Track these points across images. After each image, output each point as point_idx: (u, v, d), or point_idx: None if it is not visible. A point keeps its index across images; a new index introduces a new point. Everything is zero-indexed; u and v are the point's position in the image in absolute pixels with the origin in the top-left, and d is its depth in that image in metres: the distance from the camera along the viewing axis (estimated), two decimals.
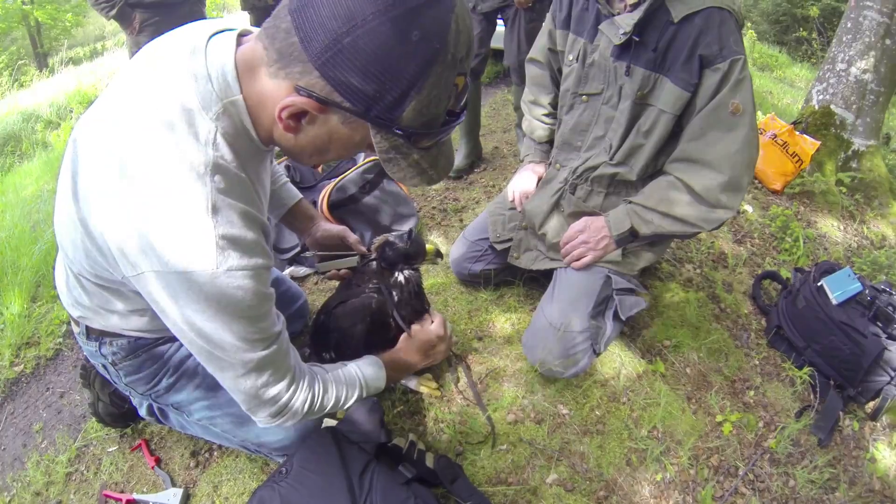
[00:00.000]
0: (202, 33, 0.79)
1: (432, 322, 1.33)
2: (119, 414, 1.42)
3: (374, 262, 1.32)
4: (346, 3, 0.63)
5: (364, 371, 1.13)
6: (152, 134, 0.73)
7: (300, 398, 0.97)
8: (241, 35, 0.80)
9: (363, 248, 1.36)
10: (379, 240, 1.33)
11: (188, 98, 0.74)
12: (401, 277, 1.31)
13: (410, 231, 1.34)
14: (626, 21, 1.33)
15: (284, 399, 0.94)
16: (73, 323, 1.13)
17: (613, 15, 1.38)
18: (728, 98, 1.30)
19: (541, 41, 1.69)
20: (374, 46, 0.64)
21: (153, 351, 1.13)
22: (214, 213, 0.74)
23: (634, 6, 1.33)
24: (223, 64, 0.75)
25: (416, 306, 1.35)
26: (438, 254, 1.37)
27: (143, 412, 1.34)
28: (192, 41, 0.78)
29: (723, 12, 1.28)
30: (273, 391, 0.92)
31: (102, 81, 5.83)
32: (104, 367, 1.15)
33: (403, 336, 1.29)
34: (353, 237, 1.37)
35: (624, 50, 1.37)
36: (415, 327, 1.30)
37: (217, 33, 0.80)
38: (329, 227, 1.39)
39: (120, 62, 6.41)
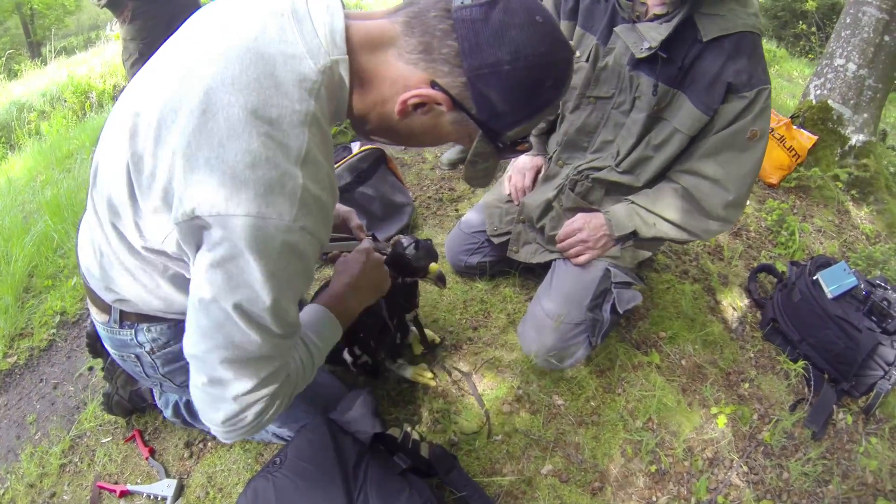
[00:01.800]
0: None
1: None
2: (128, 408, 1.42)
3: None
4: (513, 39, 0.73)
5: (311, 339, 0.95)
6: (248, 68, 0.70)
7: (268, 401, 0.82)
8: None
9: (363, 235, 1.33)
10: (392, 240, 1.30)
11: (292, 43, 0.73)
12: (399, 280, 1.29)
13: (422, 242, 1.29)
14: (651, 34, 1.27)
15: (252, 407, 0.80)
16: (98, 313, 1.04)
17: (633, 21, 1.33)
18: (749, 125, 1.30)
19: None
20: (522, 80, 0.75)
21: None
22: (304, 163, 0.72)
23: (663, 17, 1.27)
24: (332, 23, 0.75)
25: (405, 303, 1.35)
26: (441, 278, 1.32)
27: (168, 413, 1.33)
28: None
29: (754, 36, 1.26)
30: (246, 385, 0.78)
31: (95, 71, 5.77)
32: (137, 357, 1.06)
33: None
34: (355, 221, 1.32)
35: (644, 62, 1.33)
36: (340, 258, 1.17)
37: None
38: (336, 206, 1.33)
39: (114, 52, 6.34)
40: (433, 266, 1.28)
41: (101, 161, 0.84)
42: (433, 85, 0.76)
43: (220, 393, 0.78)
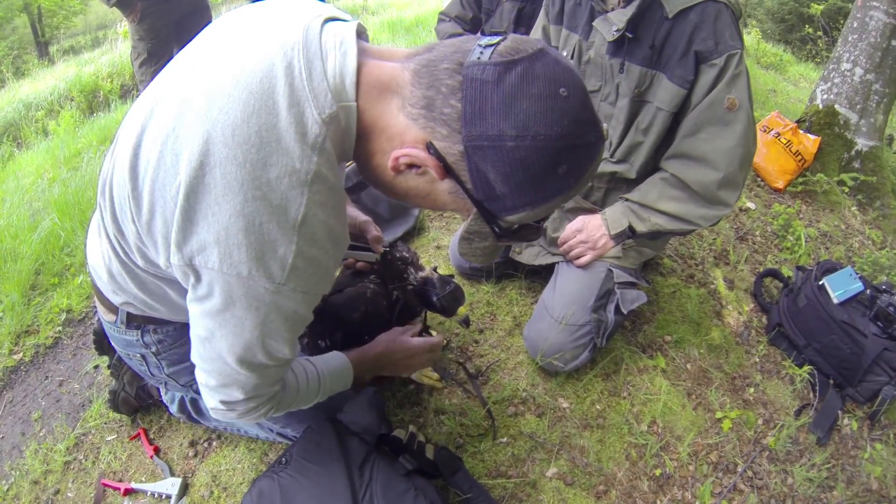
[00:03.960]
0: (316, 14, 0.74)
1: (421, 335, 1.29)
2: (134, 405, 1.42)
3: (385, 263, 1.32)
4: (523, 112, 0.63)
5: (325, 377, 1.06)
6: (250, 118, 0.66)
7: (255, 408, 0.90)
8: (359, 33, 0.75)
9: (380, 249, 1.33)
10: (424, 274, 1.31)
11: (298, 87, 0.68)
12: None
13: (452, 286, 1.30)
14: (618, 17, 1.32)
15: (242, 406, 0.88)
16: (106, 312, 1.05)
17: (607, 11, 1.37)
18: (724, 93, 1.29)
19: (535, 36, 1.68)
20: (527, 162, 0.65)
21: None
22: (302, 226, 0.68)
23: (627, 2, 1.31)
24: (344, 65, 0.69)
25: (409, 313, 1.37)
26: (466, 321, 1.34)
27: (174, 409, 1.33)
28: (306, 19, 0.72)
29: (718, 5, 1.26)
30: (238, 395, 0.85)
31: (103, 70, 5.80)
32: (143, 357, 1.09)
33: (383, 334, 1.24)
34: (373, 233, 1.30)
35: (618, 47, 1.36)
36: (397, 329, 1.25)
37: (332, 20, 0.75)
38: (355, 213, 1.32)
39: (121, 51, 6.38)
40: (461, 310, 1.31)
41: (111, 176, 0.80)
42: (429, 147, 0.68)
43: (210, 394, 0.87)
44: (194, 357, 0.83)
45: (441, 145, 0.68)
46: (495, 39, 0.66)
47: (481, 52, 0.65)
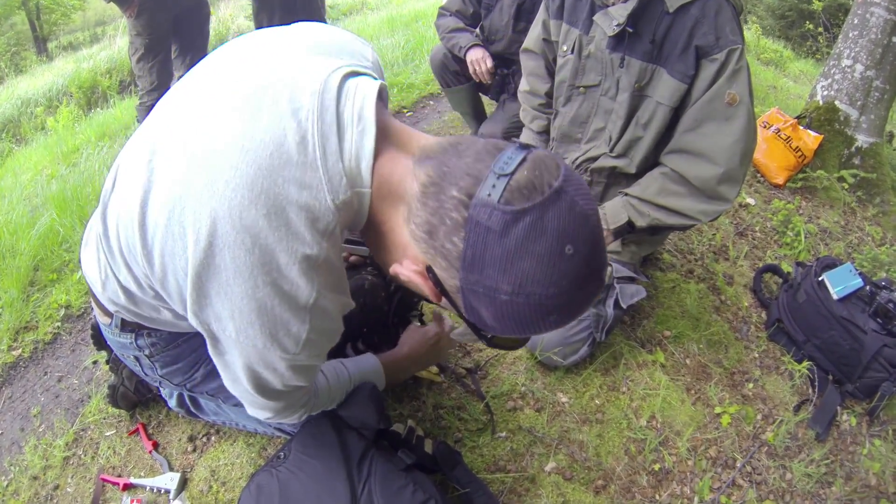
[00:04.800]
0: (334, 67, 0.70)
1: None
2: (133, 400, 1.42)
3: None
4: (522, 272, 0.60)
5: (356, 380, 1.17)
6: (258, 199, 0.63)
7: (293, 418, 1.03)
8: (380, 94, 0.72)
9: None
10: None
11: (311, 167, 0.65)
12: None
13: None
14: (619, 12, 1.32)
15: (278, 416, 0.98)
16: (101, 314, 1.05)
17: (607, 6, 1.36)
18: (724, 88, 1.29)
19: (535, 31, 1.68)
20: (519, 314, 0.63)
21: (192, 341, 1.08)
22: (313, 308, 0.70)
23: None
24: (361, 145, 0.67)
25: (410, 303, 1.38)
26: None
27: (172, 403, 1.33)
28: (323, 73, 0.69)
29: (719, 0, 1.26)
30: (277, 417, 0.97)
31: (101, 66, 5.78)
32: (137, 358, 1.09)
33: (403, 335, 1.31)
34: None
35: (619, 41, 1.36)
36: (412, 326, 1.33)
37: (351, 76, 0.71)
38: None
39: (119, 47, 6.36)
40: None
41: (117, 214, 0.76)
42: (428, 271, 0.67)
43: (252, 411, 0.96)
44: (226, 382, 0.88)
45: (439, 273, 0.66)
46: (512, 165, 0.60)
47: (493, 187, 0.59)
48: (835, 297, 1.68)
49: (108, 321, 1.04)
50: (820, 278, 1.73)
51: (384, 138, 0.69)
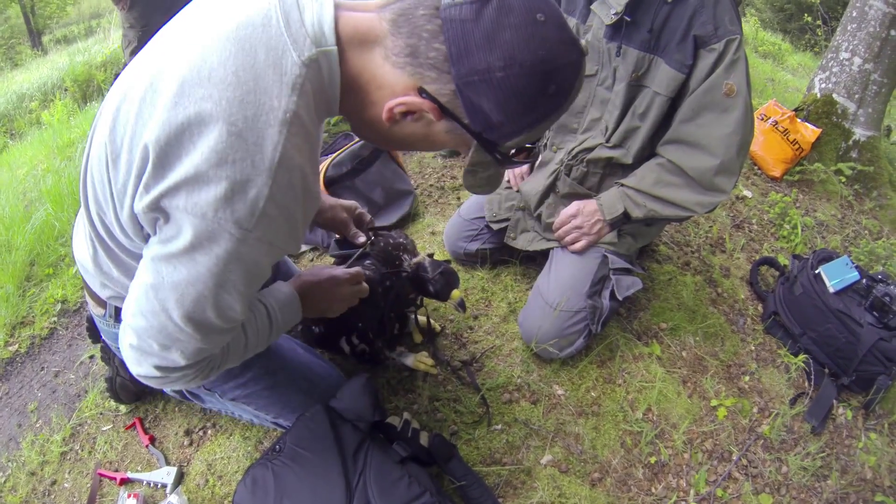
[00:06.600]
0: None
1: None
2: (134, 391, 1.42)
3: (371, 245, 1.31)
4: (506, 42, 0.65)
5: (275, 312, 0.98)
6: (227, 61, 0.66)
7: (192, 377, 0.85)
8: None
9: (362, 236, 1.32)
10: (417, 260, 1.32)
11: (276, 34, 0.68)
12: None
13: (445, 269, 1.30)
14: (617, 1, 1.31)
15: (178, 373, 0.82)
16: (95, 306, 1.05)
17: None
18: (722, 79, 1.28)
19: None
20: (518, 88, 0.67)
21: None
22: (278, 168, 0.67)
23: None
24: (321, 13, 0.70)
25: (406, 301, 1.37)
26: (461, 304, 1.33)
27: (168, 390, 1.33)
28: None
29: None
30: (178, 360, 0.79)
31: (96, 59, 5.75)
32: None
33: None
34: (365, 218, 1.31)
35: (616, 30, 1.35)
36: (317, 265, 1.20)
37: None
38: (336, 210, 1.29)
39: (114, 40, 6.31)
40: (455, 293, 1.30)
41: (91, 154, 0.80)
42: (421, 92, 0.70)
43: (142, 358, 0.79)
44: (128, 312, 0.77)
45: (432, 88, 0.69)
46: None
47: None
48: (831, 290, 1.68)
49: (102, 312, 1.03)
50: (816, 271, 1.73)
51: (341, 7, 0.73)
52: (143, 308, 0.75)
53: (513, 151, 0.78)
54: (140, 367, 0.81)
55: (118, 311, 1.00)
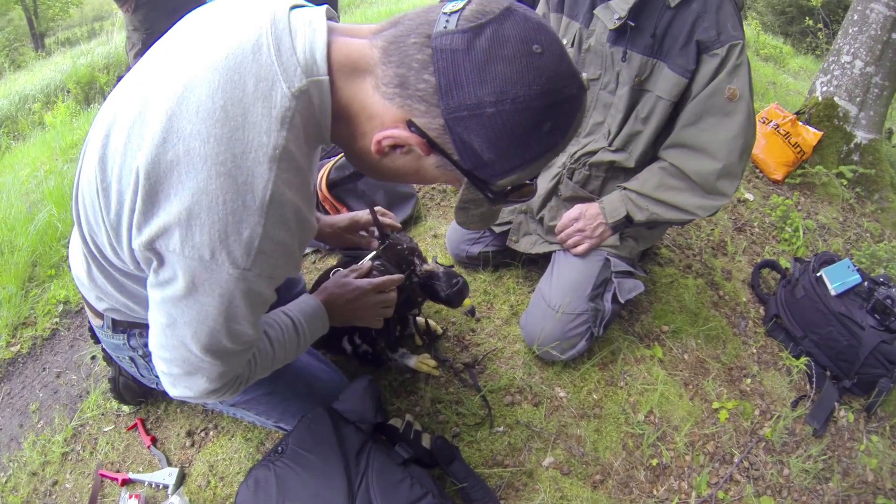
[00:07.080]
0: (284, 2, 0.72)
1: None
2: (138, 391, 1.42)
3: (381, 245, 1.32)
4: (498, 76, 0.61)
5: (302, 324, 1.02)
6: (215, 93, 0.64)
7: (220, 393, 0.87)
8: (329, 18, 0.73)
9: (375, 242, 1.32)
10: (428, 267, 1.33)
11: (266, 63, 0.66)
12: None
13: (457, 280, 1.31)
14: (620, 5, 1.31)
15: (207, 395, 0.85)
16: (93, 316, 1.05)
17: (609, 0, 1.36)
18: (725, 83, 1.29)
19: None
20: (511, 125, 0.63)
21: None
22: (270, 206, 0.66)
23: None
24: (313, 40, 0.67)
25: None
26: (472, 311, 1.34)
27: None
28: (273, 6, 0.70)
29: None
30: (203, 385, 0.83)
31: (99, 61, 5.76)
32: (132, 359, 1.09)
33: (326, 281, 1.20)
34: (363, 218, 1.30)
35: (620, 35, 1.36)
36: (340, 272, 1.20)
37: (297, 7, 0.73)
38: (332, 222, 1.29)
39: (117, 42, 6.34)
40: (466, 301, 1.33)
41: (81, 176, 0.79)
42: (409, 125, 0.67)
43: (175, 382, 0.84)
44: (153, 345, 0.80)
45: (421, 121, 0.66)
46: (459, 4, 0.64)
47: (447, 21, 0.63)
48: (833, 293, 1.68)
49: (100, 323, 1.04)
50: (818, 274, 1.73)
51: (335, 34, 0.70)
52: (164, 343, 0.78)
53: (507, 189, 0.73)
54: (175, 390, 0.85)
55: (115, 322, 1.02)
